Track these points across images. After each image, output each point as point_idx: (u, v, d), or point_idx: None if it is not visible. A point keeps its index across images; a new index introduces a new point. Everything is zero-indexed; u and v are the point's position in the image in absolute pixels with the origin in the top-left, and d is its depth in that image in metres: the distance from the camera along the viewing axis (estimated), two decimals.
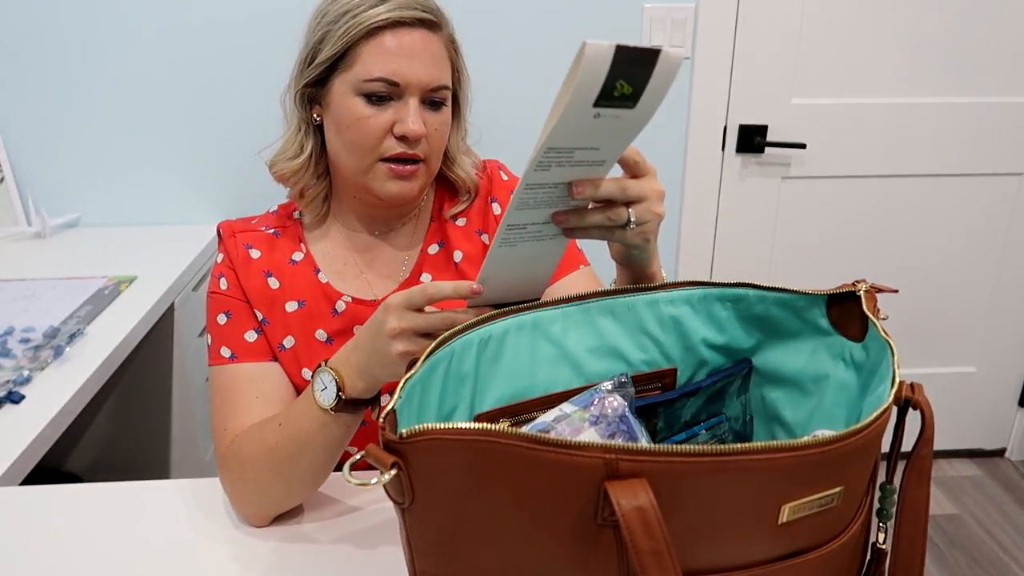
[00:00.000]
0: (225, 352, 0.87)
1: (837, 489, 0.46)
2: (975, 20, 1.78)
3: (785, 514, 0.45)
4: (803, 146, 1.84)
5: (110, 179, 1.78)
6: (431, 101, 0.85)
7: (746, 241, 1.97)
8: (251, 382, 0.85)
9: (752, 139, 1.85)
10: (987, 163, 1.91)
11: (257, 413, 0.82)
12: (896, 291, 0.61)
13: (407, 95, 0.82)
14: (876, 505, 0.54)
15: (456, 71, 0.89)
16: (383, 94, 0.82)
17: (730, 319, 0.67)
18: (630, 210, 0.62)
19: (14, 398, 1.02)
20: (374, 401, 0.74)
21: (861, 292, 0.59)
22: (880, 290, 0.60)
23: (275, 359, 0.88)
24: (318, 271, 0.92)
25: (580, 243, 0.97)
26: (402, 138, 0.83)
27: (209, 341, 0.88)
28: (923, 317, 2.07)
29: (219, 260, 0.91)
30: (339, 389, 0.71)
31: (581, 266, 0.96)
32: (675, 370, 0.68)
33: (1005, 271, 2.02)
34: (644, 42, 1.74)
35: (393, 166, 0.84)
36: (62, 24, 1.65)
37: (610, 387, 0.61)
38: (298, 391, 0.88)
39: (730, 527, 0.45)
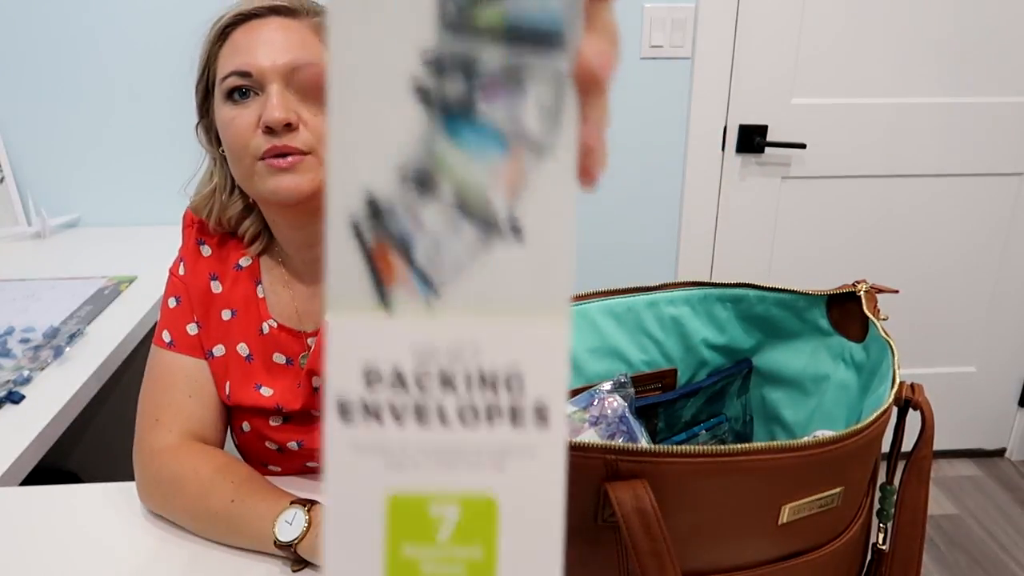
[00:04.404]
0: (166, 337, 0.85)
1: (837, 490, 0.46)
2: (975, 20, 1.78)
3: (785, 514, 0.45)
4: (803, 146, 1.84)
5: (110, 179, 1.78)
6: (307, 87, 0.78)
7: (746, 241, 1.97)
8: (187, 378, 0.84)
9: (752, 139, 1.85)
10: (987, 163, 1.91)
11: (189, 412, 0.83)
12: (896, 291, 0.61)
13: (266, 83, 0.74)
14: (876, 505, 0.54)
15: None
16: (242, 87, 0.75)
17: (730, 319, 0.67)
18: None
19: (14, 398, 1.02)
20: None
21: (861, 292, 0.59)
22: (880, 290, 0.60)
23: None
24: (259, 283, 0.87)
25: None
26: (269, 131, 0.74)
27: (158, 318, 0.87)
28: (923, 317, 2.07)
29: (182, 244, 0.89)
30: (303, 537, 0.70)
31: None
32: (675, 370, 0.68)
33: (1005, 271, 2.02)
34: (643, 42, 1.74)
35: (271, 160, 0.75)
36: (62, 24, 1.65)
37: (610, 387, 0.61)
38: (222, 403, 0.86)
39: (730, 527, 0.45)
